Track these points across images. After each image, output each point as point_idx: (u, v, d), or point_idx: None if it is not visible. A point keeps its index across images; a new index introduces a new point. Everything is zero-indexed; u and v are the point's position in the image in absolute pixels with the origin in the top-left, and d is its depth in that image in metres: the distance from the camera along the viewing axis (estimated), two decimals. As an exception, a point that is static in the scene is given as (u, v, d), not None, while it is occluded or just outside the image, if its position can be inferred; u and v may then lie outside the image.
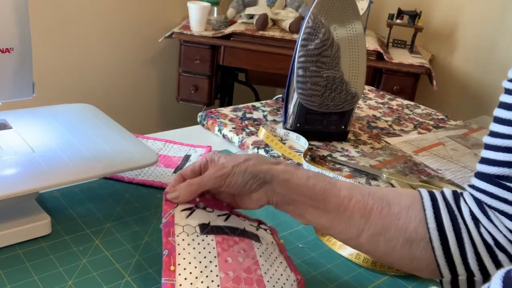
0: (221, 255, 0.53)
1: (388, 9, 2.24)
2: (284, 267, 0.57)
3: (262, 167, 0.55)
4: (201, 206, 0.58)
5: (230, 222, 0.58)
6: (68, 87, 2.17)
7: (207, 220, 0.57)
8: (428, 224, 0.51)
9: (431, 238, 0.51)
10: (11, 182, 0.60)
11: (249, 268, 0.53)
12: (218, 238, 0.55)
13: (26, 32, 0.64)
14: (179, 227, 0.55)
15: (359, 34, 0.93)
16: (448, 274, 0.51)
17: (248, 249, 0.55)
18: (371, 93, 1.37)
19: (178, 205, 0.57)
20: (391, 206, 0.53)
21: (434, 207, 0.52)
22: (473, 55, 2.19)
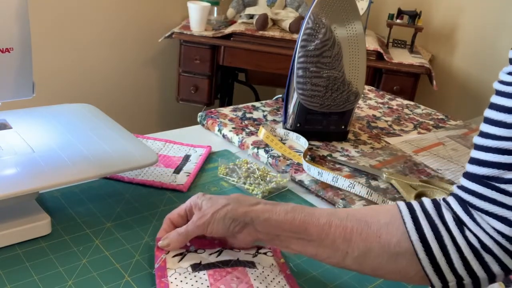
0: (213, 285, 0.56)
1: (388, 9, 2.24)
2: (283, 285, 0.58)
3: (240, 210, 0.58)
4: (192, 249, 0.61)
5: (223, 257, 0.60)
6: (68, 87, 2.17)
7: (199, 260, 0.60)
8: (410, 237, 0.52)
9: (415, 250, 0.51)
10: (11, 182, 0.60)
11: None
12: (210, 271, 0.58)
13: (26, 32, 0.64)
14: (171, 270, 0.58)
15: (359, 34, 0.93)
16: (438, 282, 0.52)
17: (242, 276, 0.57)
18: (371, 93, 1.37)
19: (169, 252, 0.60)
20: (370, 225, 0.55)
21: (413, 218, 0.53)
22: (473, 55, 2.19)
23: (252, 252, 0.62)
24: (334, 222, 0.56)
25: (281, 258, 0.63)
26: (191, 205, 0.62)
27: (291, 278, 0.60)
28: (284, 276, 0.60)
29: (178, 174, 0.82)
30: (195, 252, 0.61)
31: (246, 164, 0.86)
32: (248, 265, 0.59)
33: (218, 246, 0.63)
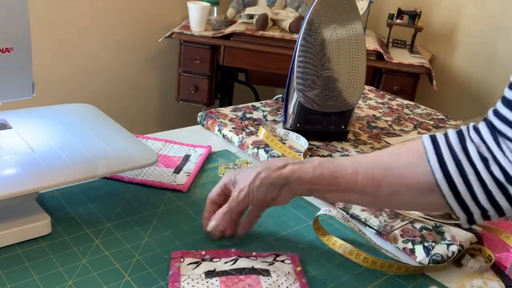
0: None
1: (388, 9, 2.24)
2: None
3: (273, 175, 0.61)
4: (208, 258, 0.62)
5: (238, 265, 0.61)
6: (68, 87, 2.17)
7: (213, 268, 0.60)
8: (435, 174, 0.54)
9: (439, 187, 0.54)
10: (11, 182, 0.60)
11: None
12: (223, 278, 0.58)
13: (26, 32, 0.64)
14: (184, 276, 0.59)
15: (359, 34, 0.93)
16: (463, 214, 0.55)
17: (254, 284, 0.58)
18: (371, 93, 1.37)
19: (184, 260, 0.61)
20: (394, 169, 0.58)
21: (437, 155, 0.55)
22: (473, 55, 2.19)
23: (269, 260, 0.62)
24: (360, 170, 0.60)
25: (298, 266, 0.63)
26: (224, 184, 0.65)
27: (306, 287, 0.60)
28: (299, 285, 0.59)
29: (178, 174, 0.82)
30: (211, 261, 0.61)
31: (246, 164, 0.86)
32: (262, 273, 0.59)
33: (234, 255, 0.63)
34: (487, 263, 0.68)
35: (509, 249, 0.70)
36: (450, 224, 0.73)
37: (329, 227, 0.72)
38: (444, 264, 0.66)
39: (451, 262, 0.67)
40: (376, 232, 0.72)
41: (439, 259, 0.66)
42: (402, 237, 0.70)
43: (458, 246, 0.68)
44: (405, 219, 0.73)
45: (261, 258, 0.62)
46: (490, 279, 0.66)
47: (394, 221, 0.73)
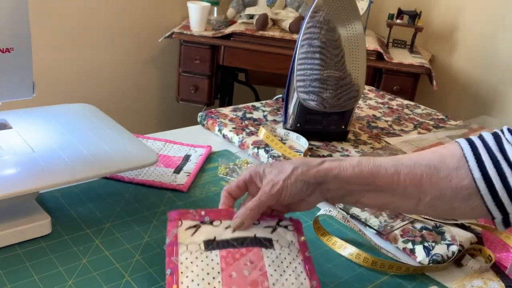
0: (225, 270, 0.53)
1: (388, 9, 2.24)
2: (298, 273, 0.55)
3: (311, 172, 0.57)
4: (207, 221, 0.58)
5: (239, 232, 0.57)
6: (68, 87, 2.17)
7: (213, 235, 0.57)
8: (473, 175, 0.54)
9: (478, 188, 0.54)
10: (11, 182, 0.60)
11: (255, 281, 0.52)
12: (223, 252, 0.55)
13: (26, 32, 0.64)
14: (182, 245, 0.55)
15: (359, 34, 0.93)
16: (499, 214, 0.54)
17: (256, 260, 0.55)
18: (371, 93, 1.37)
19: (182, 223, 0.57)
20: (439, 170, 0.56)
21: (475, 155, 0.55)
22: (473, 55, 2.19)
23: (272, 224, 0.59)
24: (402, 170, 0.56)
25: (302, 235, 0.60)
26: (250, 175, 0.60)
27: (309, 261, 0.57)
28: (302, 259, 0.57)
29: (178, 174, 0.82)
30: (211, 224, 0.58)
31: (246, 164, 0.86)
32: (264, 244, 0.56)
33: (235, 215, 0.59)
34: (487, 263, 0.68)
35: (509, 249, 0.70)
36: (450, 224, 0.73)
37: (329, 227, 0.72)
38: (444, 264, 0.66)
39: (451, 262, 0.67)
40: (376, 232, 0.72)
41: (439, 259, 0.66)
42: (402, 237, 0.70)
43: (458, 246, 0.68)
44: (405, 219, 0.73)
45: (264, 223, 0.59)
46: (490, 279, 0.66)
47: (394, 221, 0.73)
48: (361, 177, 0.57)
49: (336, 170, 0.57)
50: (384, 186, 0.56)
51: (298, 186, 0.57)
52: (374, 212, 0.74)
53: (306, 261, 0.57)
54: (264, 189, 0.58)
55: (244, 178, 0.60)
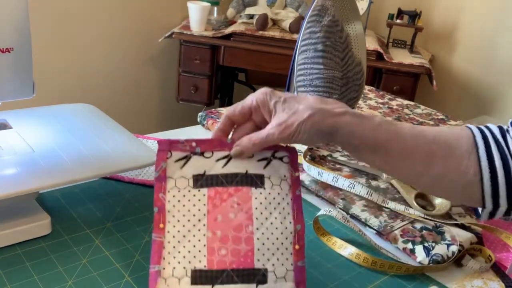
0: (211, 213, 0.53)
1: (388, 9, 2.24)
2: (285, 216, 0.54)
3: (327, 122, 0.53)
4: (198, 151, 0.55)
5: (230, 167, 0.55)
6: (68, 87, 2.17)
7: (203, 169, 0.55)
8: (481, 162, 0.54)
9: (482, 175, 0.54)
10: (11, 182, 0.60)
11: (240, 225, 0.52)
12: (211, 192, 0.54)
13: (26, 32, 0.64)
14: (171, 180, 0.54)
15: (359, 34, 0.93)
16: (491, 205, 0.55)
17: (243, 201, 0.53)
18: (371, 93, 1.37)
19: (172, 155, 0.55)
20: (454, 152, 0.55)
21: (486, 145, 0.55)
22: (473, 55, 2.19)
23: (267, 155, 0.56)
24: (420, 144, 0.55)
25: (296, 171, 0.57)
26: (257, 104, 0.55)
27: (298, 202, 0.56)
28: (291, 198, 0.56)
29: (178, 174, 0.82)
30: (202, 156, 0.55)
31: (246, 164, 0.86)
32: (255, 182, 0.55)
33: (228, 148, 0.56)
34: (487, 263, 0.68)
35: (509, 249, 0.70)
36: (450, 224, 0.73)
37: (329, 227, 0.72)
38: (444, 264, 0.66)
39: (451, 262, 0.67)
40: (376, 232, 0.72)
41: (439, 259, 0.66)
42: (402, 237, 0.70)
43: (458, 246, 0.68)
44: (405, 219, 0.73)
45: (258, 155, 0.56)
46: (490, 279, 0.66)
47: (394, 221, 0.73)
48: (377, 141, 0.55)
49: (354, 127, 0.54)
50: (395, 153, 0.55)
51: (312, 133, 0.53)
52: (374, 212, 0.74)
53: (295, 200, 0.56)
54: (274, 129, 0.53)
55: (251, 105, 0.56)
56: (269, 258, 0.52)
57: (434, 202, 0.78)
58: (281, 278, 0.52)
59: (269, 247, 0.52)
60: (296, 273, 0.53)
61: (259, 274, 0.52)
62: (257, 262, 0.52)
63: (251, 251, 0.52)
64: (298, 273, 0.53)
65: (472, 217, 0.77)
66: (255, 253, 0.52)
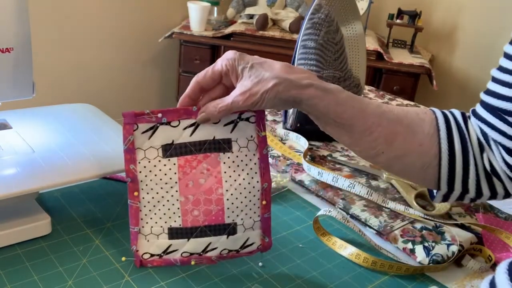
0: (182, 180, 0.56)
1: (388, 9, 2.24)
2: (252, 176, 0.58)
3: (291, 93, 0.54)
4: (164, 121, 0.56)
5: (198, 135, 0.56)
6: (68, 87, 2.17)
7: (171, 138, 0.56)
8: (441, 145, 0.55)
9: (440, 157, 0.55)
10: (11, 182, 0.60)
11: (210, 189, 0.57)
12: (181, 161, 0.56)
13: (26, 32, 0.64)
14: (140, 151, 0.56)
15: (359, 34, 0.93)
16: (446, 188, 0.56)
17: (212, 166, 0.57)
18: (371, 93, 1.37)
19: (138, 127, 0.56)
20: (416, 134, 0.56)
21: (447, 128, 0.56)
22: (473, 55, 2.19)
23: (233, 117, 0.57)
24: (383, 124, 0.56)
25: (263, 131, 0.58)
26: (227, 69, 0.55)
27: (265, 160, 0.58)
28: (258, 158, 0.58)
29: (178, 174, 0.82)
30: (168, 125, 0.56)
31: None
32: (223, 147, 0.57)
33: (194, 116, 0.56)
34: (487, 263, 0.68)
35: (509, 249, 0.70)
36: (450, 224, 0.73)
37: (329, 227, 0.72)
38: (444, 264, 0.66)
39: (451, 262, 0.67)
40: (376, 232, 0.72)
41: (439, 259, 0.66)
42: (402, 237, 0.70)
43: (458, 246, 0.68)
44: (405, 219, 0.73)
45: (224, 120, 0.57)
46: (490, 279, 0.66)
47: (394, 221, 0.73)
48: (340, 116, 0.55)
49: (317, 100, 0.54)
50: (357, 130, 0.56)
51: (275, 102, 0.54)
52: (374, 212, 0.74)
53: (262, 159, 0.59)
54: (239, 97, 0.54)
55: (221, 70, 0.55)
56: (238, 214, 0.58)
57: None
58: (249, 229, 0.59)
59: (237, 205, 0.58)
60: (262, 223, 0.60)
61: (229, 227, 0.58)
62: (227, 219, 0.58)
63: (221, 210, 0.57)
64: (264, 223, 0.60)
65: (472, 217, 0.77)
66: (225, 211, 0.57)
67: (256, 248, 0.60)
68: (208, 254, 0.58)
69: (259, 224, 0.60)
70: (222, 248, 0.58)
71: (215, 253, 0.58)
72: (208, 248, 0.58)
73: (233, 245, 0.59)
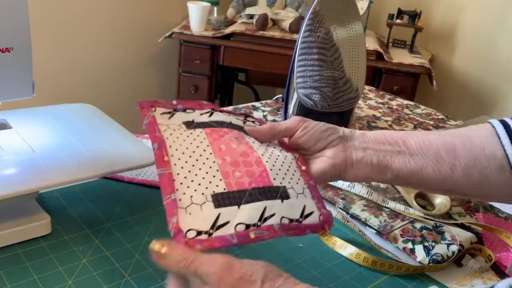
0: (213, 144, 0.52)
1: (388, 9, 2.24)
2: (279, 149, 0.56)
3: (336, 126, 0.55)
4: (180, 108, 0.56)
5: (215, 117, 0.56)
6: (68, 87, 2.17)
7: (191, 118, 0.55)
8: (506, 151, 0.53)
9: (510, 164, 0.52)
10: (11, 182, 0.60)
11: (245, 152, 0.53)
12: (207, 130, 0.54)
13: (26, 32, 0.64)
14: (163, 126, 0.53)
15: (359, 34, 0.93)
16: None
17: (239, 137, 0.54)
18: (371, 93, 1.37)
19: (156, 110, 0.55)
20: (472, 139, 0.55)
21: (508, 134, 0.54)
22: (473, 55, 2.19)
23: (241, 118, 0.59)
24: (432, 137, 0.55)
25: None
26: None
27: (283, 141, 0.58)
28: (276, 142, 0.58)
29: (178, 174, 0.82)
30: (184, 112, 0.56)
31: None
32: (242, 130, 0.57)
33: (208, 107, 0.57)
34: (487, 263, 0.68)
35: (509, 249, 0.70)
36: (450, 224, 0.73)
37: (329, 227, 0.72)
38: (444, 264, 0.66)
39: (451, 262, 0.67)
40: (376, 232, 0.72)
41: (439, 259, 0.66)
42: (402, 237, 0.70)
43: (458, 246, 0.68)
44: (405, 218, 0.73)
45: (234, 116, 0.58)
46: (490, 279, 0.66)
47: (394, 221, 0.73)
48: (391, 138, 0.55)
49: (361, 131, 0.56)
50: (415, 148, 0.54)
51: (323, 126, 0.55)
52: (374, 212, 0.74)
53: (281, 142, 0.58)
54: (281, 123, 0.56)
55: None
56: (283, 177, 0.52)
57: (434, 202, 0.78)
58: (301, 194, 0.52)
59: (280, 168, 0.52)
60: (312, 191, 0.54)
61: (280, 190, 0.51)
62: (274, 181, 0.51)
63: (265, 172, 0.51)
64: (314, 191, 0.54)
65: (472, 217, 0.77)
66: (269, 173, 0.51)
67: (319, 221, 0.52)
68: (267, 223, 0.48)
69: (309, 192, 0.53)
70: (281, 216, 0.49)
71: (275, 221, 0.49)
72: (265, 215, 0.48)
73: (292, 212, 0.50)
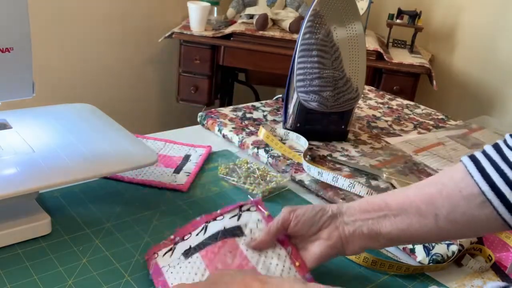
0: (210, 266, 0.56)
1: (388, 9, 2.24)
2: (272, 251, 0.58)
3: (324, 207, 0.60)
4: (178, 240, 0.61)
5: (210, 231, 0.60)
6: (68, 87, 2.17)
7: (188, 245, 0.60)
8: (481, 188, 0.53)
9: (489, 200, 0.53)
10: (11, 182, 0.60)
11: (240, 264, 0.56)
12: (202, 252, 0.57)
13: (26, 32, 0.64)
14: (165, 267, 0.58)
15: (359, 34, 0.93)
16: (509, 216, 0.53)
17: (234, 248, 0.57)
18: (371, 93, 1.37)
19: (158, 255, 0.60)
20: (446, 185, 0.56)
21: (479, 169, 0.54)
22: (473, 55, 2.19)
23: (236, 212, 0.62)
24: (411, 192, 0.58)
25: (266, 210, 0.62)
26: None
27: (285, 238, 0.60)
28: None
29: (178, 174, 0.82)
30: (182, 240, 0.61)
31: (246, 164, 0.86)
32: (236, 232, 0.59)
33: (201, 223, 0.62)
34: (487, 263, 0.68)
35: (509, 249, 0.70)
36: (450, 224, 0.73)
37: (329, 227, 0.72)
38: (444, 264, 0.66)
39: (451, 262, 0.67)
40: (376, 232, 0.72)
41: (439, 259, 0.66)
42: (402, 237, 0.69)
43: (458, 246, 0.68)
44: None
45: (228, 214, 0.62)
46: (490, 279, 0.66)
47: (394, 221, 0.73)
48: (373, 204, 0.58)
49: (345, 205, 0.60)
50: (397, 208, 0.57)
51: (314, 209, 0.59)
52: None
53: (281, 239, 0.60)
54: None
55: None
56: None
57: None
58: None
59: (274, 272, 0.56)
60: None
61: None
62: None
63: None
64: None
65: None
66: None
67: None
68: None
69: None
70: None
71: None
72: None
73: None
